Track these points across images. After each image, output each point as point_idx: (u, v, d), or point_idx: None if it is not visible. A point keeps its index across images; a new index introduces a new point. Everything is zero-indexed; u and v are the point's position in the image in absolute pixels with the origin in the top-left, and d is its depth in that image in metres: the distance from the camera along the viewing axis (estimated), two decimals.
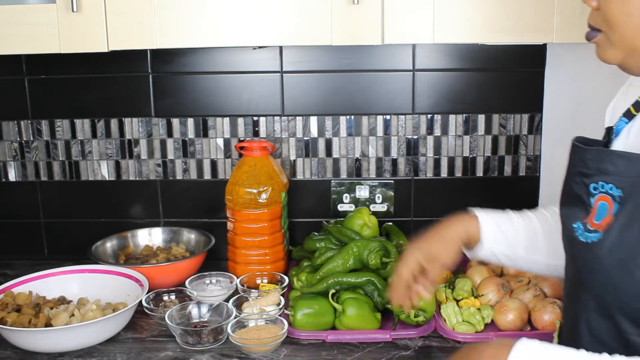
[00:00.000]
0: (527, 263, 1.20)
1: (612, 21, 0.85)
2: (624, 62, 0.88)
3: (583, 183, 0.93)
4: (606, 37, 0.88)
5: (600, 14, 0.87)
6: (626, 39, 0.84)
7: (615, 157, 0.86)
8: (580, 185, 0.93)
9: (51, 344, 1.36)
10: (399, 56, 1.76)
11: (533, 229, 1.19)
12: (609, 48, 0.88)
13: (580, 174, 0.93)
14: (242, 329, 1.40)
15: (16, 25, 1.41)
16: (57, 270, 1.59)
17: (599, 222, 0.91)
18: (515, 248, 1.18)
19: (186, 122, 1.82)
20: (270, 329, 1.40)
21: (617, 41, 0.86)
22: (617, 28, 0.85)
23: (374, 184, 1.83)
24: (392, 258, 1.51)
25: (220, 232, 1.78)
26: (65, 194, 1.87)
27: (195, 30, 1.42)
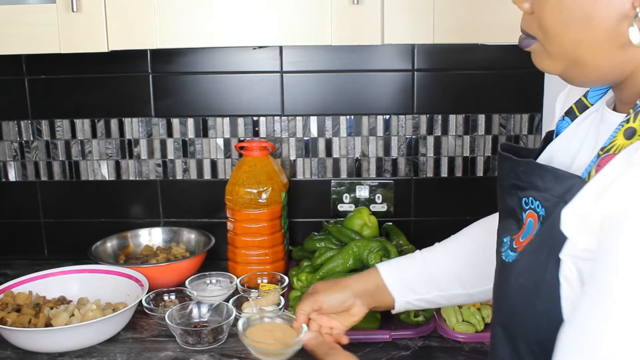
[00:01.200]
0: (447, 300, 1.17)
1: (548, 30, 0.77)
2: (565, 73, 0.80)
3: (517, 196, 0.86)
4: (542, 46, 0.80)
5: (535, 19, 0.79)
6: (566, 50, 0.77)
7: (544, 172, 0.79)
8: (514, 198, 0.86)
9: (51, 344, 1.36)
10: (399, 56, 1.76)
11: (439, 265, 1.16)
12: (546, 58, 0.80)
13: (514, 186, 0.86)
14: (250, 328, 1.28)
15: (16, 25, 1.41)
16: (57, 270, 1.59)
17: (523, 240, 0.84)
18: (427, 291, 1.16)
19: (186, 122, 1.82)
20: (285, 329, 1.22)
21: (555, 52, 0.78)
22: (554, 38, 0.77)
23: (374, 184, 1.83)
24: (392, 258, 1.51)
25: (220, 232, 1.78)
26: (65, 194, 1.87)
27: (195, 30, 1.42)
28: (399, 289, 1.16)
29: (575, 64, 0.77)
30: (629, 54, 0.74)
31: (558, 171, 0.78)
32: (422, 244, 1.61)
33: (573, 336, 0.70)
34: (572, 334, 0.71)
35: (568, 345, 0.70)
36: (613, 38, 0.73)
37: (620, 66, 0.76)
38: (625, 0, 0.71)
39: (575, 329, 0.70)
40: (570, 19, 0.75)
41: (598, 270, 0.69)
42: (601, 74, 0.77)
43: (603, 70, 0.77)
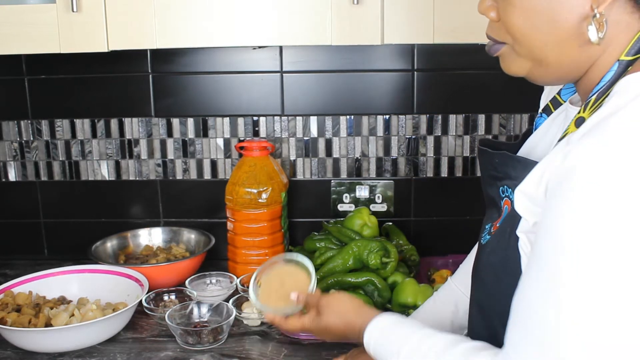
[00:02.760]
0: None
1: (517, 35, 0.83)
2: (530, 73, 0.87)
3: (495, 186, 0.92)
4: (512, 48, 0.86)
5: (502, 25, 0.85)
6: (535, 50, 0.83)
7: (515, 162, 0.85)
8: (493, 188, 0.93)
9: (51, 344, 1.36)
10: (399, 56, 1.76)
11: None
12: (515, 60, 0.86)
13: (492, 177, 0.92)
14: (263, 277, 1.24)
15: (16, 25, 1.41)
16: (57, 270, 1.59)
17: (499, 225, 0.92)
18: None
19: (186, 122, 1.82)
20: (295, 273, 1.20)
21: (524, 53, 0.84)
22: (523, 41, 0.83)
23: (374, 184, 1.83)
24: (392, 258, 1.51)
25: (220, 232, 1.78)
26: (65, 194, 1.87)
27: (195, 30, 1.42)
28: None
29: (541, 63, 0.84)
30: (588, 53, 0.81)
31: (527, 160, 0.85)
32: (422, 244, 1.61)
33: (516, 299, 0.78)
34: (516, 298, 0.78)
35: (513, 311, 0.78)
36: (575, 38, 0.80)
37: (579, 64, 0.83)
38: (585, 2, 0.78)
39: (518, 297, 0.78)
40: (537, 22, 0.81)
41: (537, 238, 0.76)
42: (563, 72, 0.85)
43: (565, 68, 0.84)
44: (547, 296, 0.73)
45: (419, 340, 0.91)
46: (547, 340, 0.72)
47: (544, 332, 0.73)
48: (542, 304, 0.73)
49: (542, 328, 0.73)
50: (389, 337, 0.95)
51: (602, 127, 0.72)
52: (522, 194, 0.80)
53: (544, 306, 0.73)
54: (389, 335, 0.96)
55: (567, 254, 0.71)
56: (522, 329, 0.76)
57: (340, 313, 1.07)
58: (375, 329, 0.98)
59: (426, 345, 0.89)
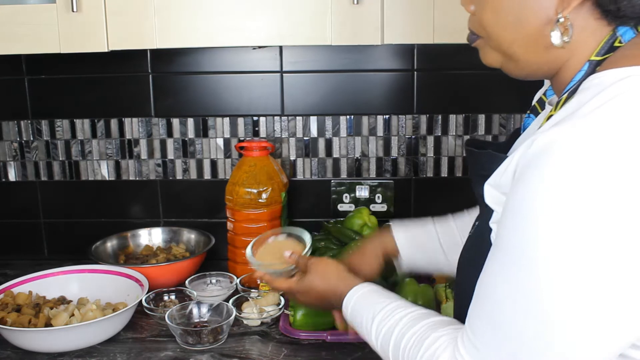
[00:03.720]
0: (451, 267, 1.23)
1: (487, 29, 0.87)
2: (504, 66, 0.91)
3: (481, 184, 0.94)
4: (485, 42, 0.90)
5: (477, 19, 0.89)
6: (503, 46, 0.87)
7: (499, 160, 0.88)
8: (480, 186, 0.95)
9: (51, 344, 1.36)
10: (399, 56, 1.77)
11: (450, 234, 1.26)
12: (489, 52, 0.90)
13: (480, 175, 0.95)
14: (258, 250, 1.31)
15: (16, 25, 1.41)
16: (57, 270, 1.59)
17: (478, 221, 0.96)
18: (434, 256, 1.26)
19: (186, 122, 1.82)
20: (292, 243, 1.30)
21: (495, 47, 0.88)
22: (493, 36, 0.87)
23: (374, 184, 1.83)
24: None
25: (220, 232, 1.78)
26: (65, 194, 1.87)
27: (195, 30, 1.42)
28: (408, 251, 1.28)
29: (511, 59, 0.88)
30: (554, 54, 0.84)
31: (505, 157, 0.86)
32: None
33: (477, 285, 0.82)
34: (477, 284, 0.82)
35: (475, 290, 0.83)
36: (539, 39, 0.83)
37: (547, 64, 0.86)
38: (551, 7, 0.80)
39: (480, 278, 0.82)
40: (505, 20, 0.85)
41: (499, 222, 0.79)
42: (533, 69, 0.88)
43: (534, 66, 0.87)
44: (502, 274, 0.77)
45: (393, 309, 0.98)
46: (500, 319, 0.77)
47: (499, 311, 0.77)
48: (497, 282, 0.77)
49: (496, 307, 0.77)
50: (366, 303, 1.03)
51: (567, 119, 0.74)
52: (490, 187, 0.85)
53: (499, 285, 0.77)
54: (365, 301, 1.03)
55: (523, 235, 0.74)
56: (480, 307, 0.81)
57: (325, 275, 1.13)
58: (354, 295, 1.05)
59: (399, 315, 0.96)
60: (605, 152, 0.70)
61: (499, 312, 0.77)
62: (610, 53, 0.81)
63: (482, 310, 0.80)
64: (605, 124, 0.71)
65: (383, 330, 0.97)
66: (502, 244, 0.78)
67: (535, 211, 0.72)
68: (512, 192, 0.76)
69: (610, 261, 0.70)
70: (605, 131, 0.71)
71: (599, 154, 0.70)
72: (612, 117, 0.71)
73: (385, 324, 0.97)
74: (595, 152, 0.70)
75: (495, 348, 0.78)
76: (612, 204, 0.69)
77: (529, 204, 0.73)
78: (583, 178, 0.70)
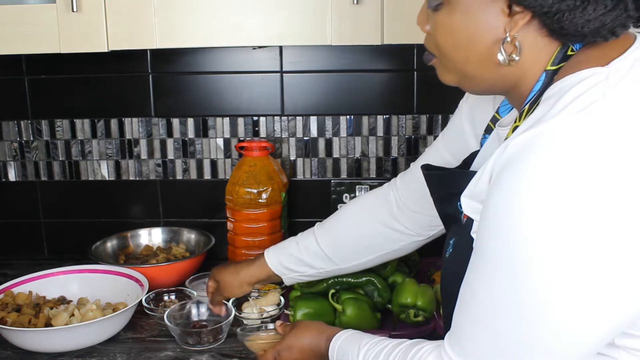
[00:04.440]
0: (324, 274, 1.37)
1: (441, 49, 0.90)
2: (461, 85, 0.93)
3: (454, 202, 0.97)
4: (440, 61, 0.92)
5: (432, 39, 0.91)
6: (457, 65, 0.89)
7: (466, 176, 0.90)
8: (451, 205, 0.98)
9: (51, 344, 1.36)
10: (399, 56, 1.76)
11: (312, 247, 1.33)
12: (445, 72, 0.92)
13: (449, 194, 0.97)
14: (253, 334, 1.37)
15: (16, 25, 1.41)
16: (57, 270, 1.59)
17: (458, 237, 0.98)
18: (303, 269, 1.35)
19: (186, 122, 1.82)
20: None
21: (450, 67, 0.91)
22: (447, 56, 0.89)
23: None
24: None
25: (220, 232, 1.78)
26: (65, 194, 1.87)
27: (195, 30, 1.42)
28: (282, 270, 1.36)
29: (466, 77, 0.90)
30: (507, 71, 0.86)
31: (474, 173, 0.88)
32: None
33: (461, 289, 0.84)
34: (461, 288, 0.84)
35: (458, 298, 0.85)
36: (491, 58, 0.85)
37: (502, 80, 0.88)
38: (499, 26, 0.83)
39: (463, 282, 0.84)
40: (457, 40, 0.87)
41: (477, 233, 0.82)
42: (488, 85, 0.90)
43: (488, 82, 0.89)
44: (483, 276, 0.79)
45: (378, 341, 1.01)
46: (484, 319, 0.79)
47: (482, 311, 0.79)
48: (479, 284, 0.79)
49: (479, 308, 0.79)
50: (352, 340, 1.06)
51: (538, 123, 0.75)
52: (467, 198, 0.87)
53: (481, 286, 0.79)
54: (352, 338, 1.07)
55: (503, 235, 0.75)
56: (464, 309, 0.83)
57: (308, 330, 1.17)
58: (341, 338, 1.09)
59: (384, 343, 1.00)
60: (581, 148, 0.71)
61: (483, 314, 0.79)
62: (564, 62, 0.83)
63: (467, 312, 0.82)
64: (577, 120, 0.73)
65: (371, 356, 1.00)
66: (481, 246, 0.79)
67: (514, 210, 0.74)
68: (489, 195, 0.78)
69: (591, 258, 0.71)
70: (578, 127, 0.72)
71: (574, 150, 0.71)
72: (582, 113, 0.73)
73: (371, 353, 1.00)
74: (570, 149, 0.72)
75: (482, 349, 0.80)
76: (590, 200, 0.70)
77: (508, 204, 0.74)
78: (560, 175, 0.71)
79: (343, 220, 1.34)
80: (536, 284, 0.73)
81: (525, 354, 0.76)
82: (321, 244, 1.33)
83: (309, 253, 1.33)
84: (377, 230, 1.30)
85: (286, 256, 1.35)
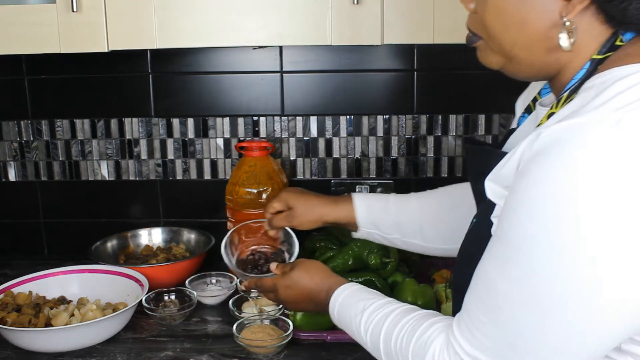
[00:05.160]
0: (405, 245, 1.30)
1: (490, 31, 0.87)
2: (504, 68, 0.90)
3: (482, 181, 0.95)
4: (486, 43, 0.89)
5: (478, 19, 0.88)
6: (505, 48, 0.86)
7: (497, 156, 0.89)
8: (480, 184, 0.96)
9: (51, 344, 1.36)
10: (399, 56, 1.77)
11: (408, 213, 1.27)
12: (490, 54, 0.90)
13: (478, 172, 0.96)
14: (246, 329, 1.40)
15: (16, 25, 1.41)
16: (57, 270, 1.59)
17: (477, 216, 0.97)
18: (388, 232, 1.29)
19: (186, 122, 1.82)
20: (275, 329, 1.39)
21: (496, 49, 0.88)
22: (495, 38, 0.86)
23: (374, 184, 1.83)
24: (392, 258, 1.51)
25: (220, 232, 1.77)
26: (65, 194, 1.87)
27: (195, 30, 1.42)
28: (366, 221, 1.29)
29: (512, 60, 0.87)
30: (556, 56, 0.84)
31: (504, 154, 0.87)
32: None
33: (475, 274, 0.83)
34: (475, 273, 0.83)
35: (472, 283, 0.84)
36: (543, 42, 0.83)
37: (548, 66, 0.86)
38: (555, 10, 0.80)
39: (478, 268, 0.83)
40: (507, 21, 0.84)
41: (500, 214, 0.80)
42: (534, 70, 0.88)
43: (535, 67, 0.87)
44: (502, 265, 0.78)
45: (382, 304, 0.99)
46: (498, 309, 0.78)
47: (497, 301, 0.78)
48: (497, 273, 0.78)
49: (494, 297, 0.78)
50: (354, 300, 1.04)
51: (574, 114, 0.74)
52: (491, 181, 0.86)
53: (498, 275, 0.78)
54: (353, 298, 1.04)
55: (527, 227, 0.74)
56: (477, 296, 0.82)
57: (310, 272, 1.14)
58: (342, 293, 1.06)
59: (388, 309, 0.98)
60: (616, 147, 0.70)
61: (498, 303, 0.78)
62: (612, 52, 0.81)
63: (480, 298, 0.81)
64: (615, 118, 0.71)
65: (372, 323, 0.98)
66: (502, 233, 0.78)
67: (539, 202, 0.72)
68: (516, 182, 0.77)
69: (612, 258, 0.70)
70: (616, 125, 0.71)
71: (609, 148, 0.70)
72: (622, 111, 0.71)
73: (374, 318, 0.98)
74: (606, 146, 0.70)
75: (492, 338, 0.79)
76: (616, 200, 0.69)
77: (533, 195, 0.73)
78: (591, 172, 0.70)
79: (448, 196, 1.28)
80: (554, 279, 0.72)
81: (536, 348, 0.76)
82: (421, 213, 1.27)
83: (405, 218, 1.27)
84: None
85: (379, 211, 1.28)
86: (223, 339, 1.43)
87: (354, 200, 1.30)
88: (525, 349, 0.76)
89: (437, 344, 0.87)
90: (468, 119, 1.79)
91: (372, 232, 1.30)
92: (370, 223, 1.29)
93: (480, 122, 1.79)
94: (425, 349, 0.88)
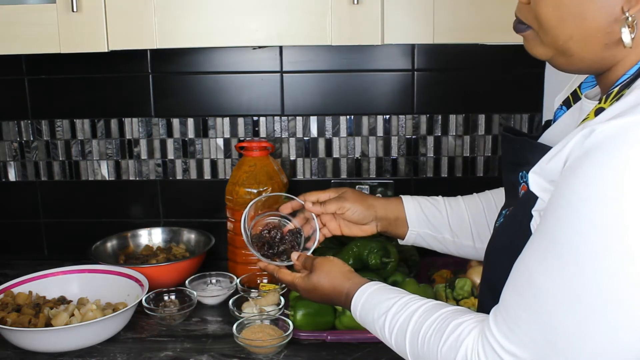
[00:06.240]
0: (456, 247, 1.27)
1: (544, 23, 0.84)
2: (553, 60, 0.88)
3: (516, 171, 0.94)
4: (536, 34, 0.87)
5: (531, 10, 0.85)
6: (558, 41, 0.84)
7: (534, 148, 0.87)
8: (513, 174, 0.95)
9: (51, 344, 1.36)
10: (399, 56, 1.77)
11: (459, 213, 1.26)
12: (539, 45, 0.87)
13: (512, 162, 0.95)
14: (246, 329, 1.40)
15: (16, 25, 1.41)
16: (57, 270, 1.59)
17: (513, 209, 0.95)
18: (440, 231, 1.26)
19: (186, 122, 1.82)
20: (275, 329, 1.40)
21: (548, 42, 0.85)
22: (549, 30, 0.84)
23: (374, 184, 1.83)
24: (392, 258, 1.51)
25: (220, 232, 1.78)
26: (65, 194, 1.87)
27: (195, 30, 1.42)
28: (416, 220, 1.26)
29: (564, 54, 0.85)
30: (611, 52, 0.82)
31: (545, 146, 0.86)
32: None
33: (515, 269, 0.81)
34: (515, 268, 0.81)
35: (511, 277, 0.81)
36: (601, 37, 0.81)
37: (602, 61, 0.84)
38: (616, 4, 0.78)
39: (518, 262, 0.81)
40: (565, 15, 0.81)
41: (545, 209, 0.78)
42: (585, 65, 0.86)
43: (587, 62, 0.85)
44: (546, 262, 0.76)
45: (406, 302, 0.97)
46: (540, 307, 0.76)
47: (539, 299, 0.76)
48: (539, 270, 0.76)
49: (536, 294, 0.76)
50: (376, 301, 1.01)
51: (630, 112, 0.72)
52: (536, 175, 0.83)
53: (541, 272, 0.76)
54: (376, 299, 1.02)
55: (575, 224, 0.72)
56: (517, 292, 0.79)
57: (330, 274, 1.13)
58: (364, 294, 1.04)
59: (413, 307, 0.95)
60: None
61: (539, 300, 0.76)
62: None
63: (520, 295, 0.79)
64: None
65: (397, 323, 0.96)
66: (546, 229, 0.76)
67: (590, 200, 0.71)
68: (565, 178, 0.75)
69: None
70: None
71: None
72: None
73: (399, 318, 0.96)
74: None
75: (532, 335, 0.77)
76: None
77: (584, 192, 0.72)
78: None
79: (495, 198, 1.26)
80: (599, 278, 0.71)
81: (575, 349, 0.74)
82: (472, 214, 1.25)
83: (457, 218, 1.25)
84: None
85: (429, 209, 1.26)
86: (223, 339, 1.43)
87: (404, 199, 1.28)
88: (565, 347, 0.75)
89: (469, 342, 0.85)
90: (468, 119, 1.79)
91: (423, 233, 1.26)
92: (421, 222, 1.26)
93: (480, 122, 1.79)
94: (457, 349, 0.86)
